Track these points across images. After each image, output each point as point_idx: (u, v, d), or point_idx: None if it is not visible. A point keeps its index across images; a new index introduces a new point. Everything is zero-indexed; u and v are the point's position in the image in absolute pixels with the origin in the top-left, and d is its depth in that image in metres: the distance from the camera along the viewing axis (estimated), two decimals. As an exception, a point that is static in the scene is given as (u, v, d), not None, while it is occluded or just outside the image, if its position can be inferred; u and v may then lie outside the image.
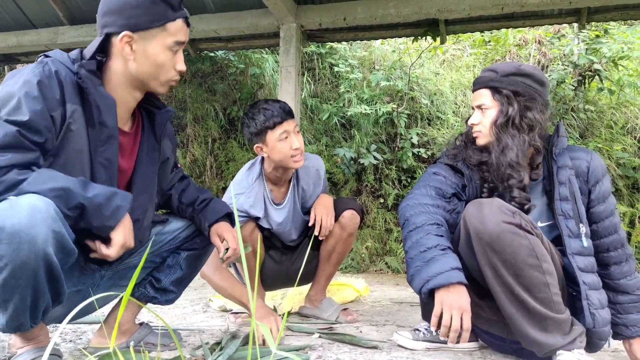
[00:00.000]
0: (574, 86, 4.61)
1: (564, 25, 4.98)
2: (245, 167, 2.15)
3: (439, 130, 4.85)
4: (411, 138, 4.68)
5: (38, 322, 1.22)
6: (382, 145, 4.80)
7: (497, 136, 1.56)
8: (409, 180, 4.65)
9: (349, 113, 4.88)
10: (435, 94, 5.08)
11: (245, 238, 2.04)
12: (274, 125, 1.94)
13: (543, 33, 5.24)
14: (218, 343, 1.67)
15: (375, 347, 1.71)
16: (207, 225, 1.58)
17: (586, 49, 4.56)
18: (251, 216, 2.05)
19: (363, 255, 4.35)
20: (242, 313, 2.21)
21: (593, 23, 4.15)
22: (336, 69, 5.34)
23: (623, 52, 4.49)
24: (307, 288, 2.34)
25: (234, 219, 1.41)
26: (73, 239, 1.16)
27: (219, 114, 5.30)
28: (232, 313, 2.23)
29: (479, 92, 1.63)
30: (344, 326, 2.07)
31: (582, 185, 1.56)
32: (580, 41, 4.62)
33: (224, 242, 1.57)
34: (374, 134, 4.86)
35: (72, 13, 4.03)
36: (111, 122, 1.32)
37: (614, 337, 1.58)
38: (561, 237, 1.51)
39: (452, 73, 5.48)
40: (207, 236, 1.60)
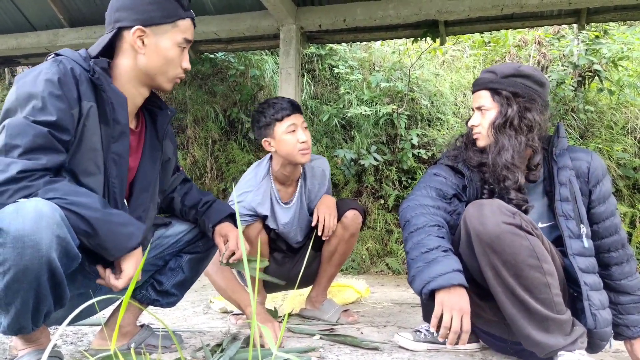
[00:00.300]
0: (574, 87, 4.61)
1: (564, 26, 4.98)
2: (252, 166, 2.17)
3: (439, 131, 4.85)
4: (411, 139, 4.68)
5: (40, 325, 1.22)
6: (382, 146, 4.80)
7: (495, 137, 1.57)
8: (410, 181, 4.65)
9: (349, 114, 4.88)
10: (435, 95, 5.09)
11: (251, 239, 2.04)
12: (282, 117, 2.00)
13: (543, 34, 5.24)
14: (219, 345, 1.66)
15: (376, 349, 1.71)
16: (211, 225, 1.58)
17: (586, 50, 4.56)
18: (259, 215, 2.05)
19: (364, 256, 4.35)
20: (243, 315, 2.20)
21: (592, 24, 4.15)
22: (336, 71, 5.34)
23: (623, 53, 4.50)
24: (308, 290, 2.34)
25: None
26: (77, 245, 1.17)
27: (219, 116, 5.30)
28: (233, 315, 2.23)
29: (479, 94, 1.63)
30: (345, 327, 2.07)
31: (583, 185, 1.56)
32: (579, 42, 4.63)
33: (226, 244, 1.57)
34: (374, 135, 4.86)
35: (72, 15, 4.04)
36: (123, 119, 1.34)
37: (615, 338, 1.58)
38: (562, 238, 1.51)
39: (452, 74, 5.48)
40: (211, 237, 1.60)
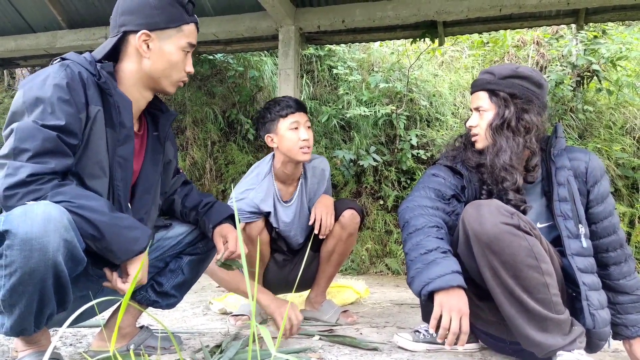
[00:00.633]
0: (573, 87, 4.62)
1: (562, 26, 4.99)
2: (254, 165, 2.21)
3: (438, 131, 4.85)
4: (410, 140, 4.68)
5: (41, 328, 1.23)
6: (382, 147, 4.80)
7: (493, 138, 1.57)
8: (409, 181, 4.65)
9: (348, 115, 4.88)
10: (434, 96, 5.09)
11: (252, 237, 2.06)
12: (286, 114, 2.06)
13: (541, 34, 5.24)
14: (218, 346, 1.67)
15: (375, 349, 1.71)
16: (211, 226, 1.59)
17: (584, 50, 4.56)
18: (262, 212, 2.07)
19: (363, 257, 4.35)
20: (242, 315, 2.21)
21: (591, 24, 4.16)
22: (335, 71, 5.34)
23: (621, 53, 4.50)
24: (308, 291, 2.34)
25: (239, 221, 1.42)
26: (83, 248, 1.17)
27: (218, 117, 5.30)
28: (232, 316, 2.23)
29: (477, 95, 1.63)
30: (344, 328, 2.07)
31: (581, 185, 1.57)
32: (578, 42, 4.63)
33: (225, 245, 1.57)
34: (373, 136, 4.86)
35: (71, 17, 4.03)
36: (129, 123, 1.36)
37: (614, 338, 1.58)
38: (560, 238, 1.51)
39: (451, 74, 5.48)
40: (211, 237, 1.61)
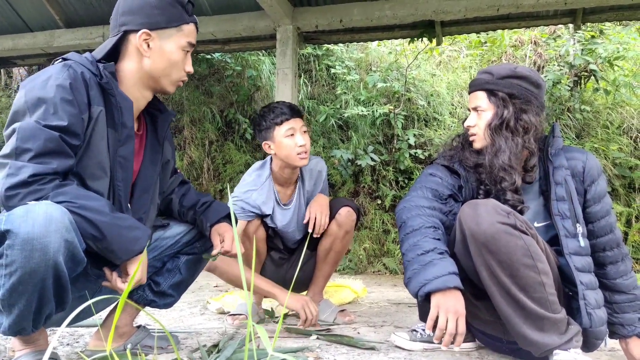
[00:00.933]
0: (570, 87, 4.63)
1: (560, 26, 5.00)
2: (255, 166, 2.21)
3: (436, 131, 4.85)
4: (408, 139, 4.68)
5: (40, 327, 1.23)
6: (379, 146, 4.81)
7: (491, 139, 1.57)
8: (406, 181, 4.65)
9: (346, 115, 4.88)
10: (431, 95, 5.09)
11: (250, 234, 2.08)
12: (281, 122, 2.06)
13: (539, 34, 5.26)
14: (215, 345, 1.67)
15: (372, 348, 1.71)
16: (209, 225, 1.59)
17: (582, 50, 4.57)
18: (263, 213, 2.10)
19: (361, 256, 4.35)
20: (240, 315, 2.21)
21: (588, 24, 4.16)
22: (333, 71, 5.34)
23: (618, 53, 4.51)
24: (305, 292, 2.34)
25: (236, 220, 1.43)
26: (84, 249, 1.17)
27: (216, 116, 5.30)
28: (230, 315, 2.23)
29: (475, 95, 1.63)
30: (342, 327, 2.07)
31: (578, 185, 1.57)
32: (575, 42, 4.64)
33: (222, 243, 1.58)
34: (371, 136, 4.87)
35: (68, 16, 4.02)
36: (130, 123, 1.36)
37: (611, 337, 1.59)
38: (558, 237, 1.51)
39: (449, 74, 5.49)
40: (208, 236, 1.61)
